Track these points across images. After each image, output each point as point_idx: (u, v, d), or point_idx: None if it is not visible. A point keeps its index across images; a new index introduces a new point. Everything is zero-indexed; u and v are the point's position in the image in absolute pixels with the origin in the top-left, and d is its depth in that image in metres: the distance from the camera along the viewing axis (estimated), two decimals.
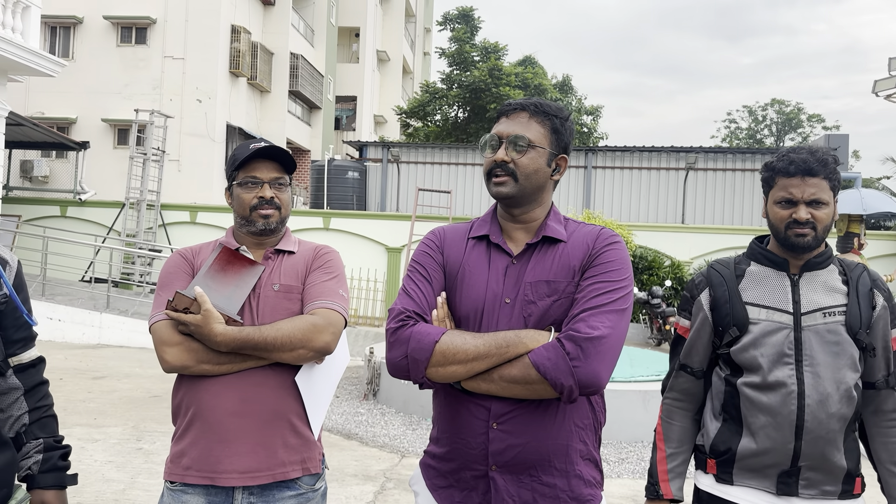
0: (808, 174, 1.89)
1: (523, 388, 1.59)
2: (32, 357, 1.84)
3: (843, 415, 1.86)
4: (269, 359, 1.91)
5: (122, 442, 5.61)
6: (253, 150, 2.02)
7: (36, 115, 18.20)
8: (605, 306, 1.61)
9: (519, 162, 1.71)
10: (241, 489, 1.91)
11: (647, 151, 17.19)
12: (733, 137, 46.63)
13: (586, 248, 1.71)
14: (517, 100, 1.79)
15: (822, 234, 1.91)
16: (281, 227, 2.09)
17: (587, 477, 1.71)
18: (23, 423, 1.79)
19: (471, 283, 1.73)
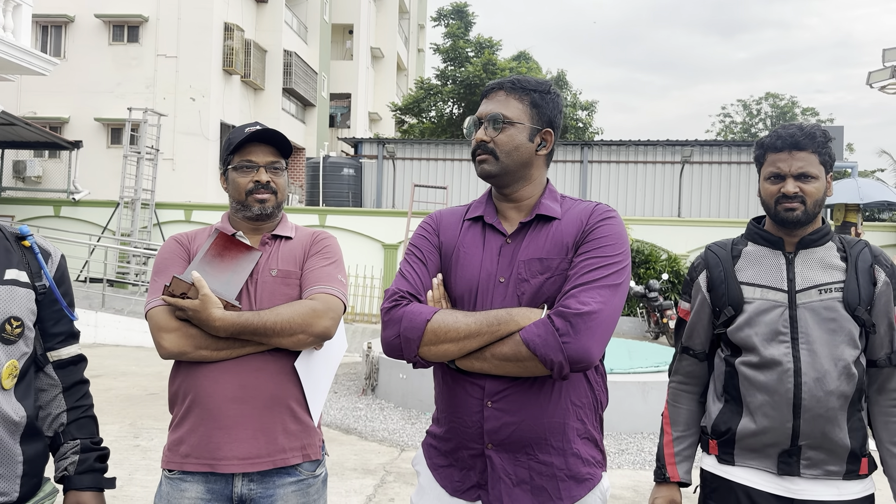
0: (796, 148, 1.88)
1: (515, 365, 1.58)
2: (73, 354, 1.80)
3: (842, 392, 1.84)
4: (269, 344, 1.88)
5: (119, 439, 5.57)
6: (248, 133, 1.98)
7: (28, 114, 18.10)
8: (597, 282, 1.59)
9: (497, 140, 1.71)
10: (240, 476, 1.88)
11: (642, 145, 17.19)
12: (728, 131, 46.69)
13: (580, 224, 1.69)
14: (495, 81, 1.78)
15: (813, 209, 1.90)
16: (277, 211, 2.05)
17: (585, 455, 1.69)
18: (61, 423, 1.76)
19: (465, 264, 1.73)
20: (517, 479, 1.65)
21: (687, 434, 2.08)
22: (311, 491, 1.95)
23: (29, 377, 1.68)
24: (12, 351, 1.59)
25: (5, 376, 1.56)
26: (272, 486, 1.90)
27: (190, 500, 1.87)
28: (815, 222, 1.94)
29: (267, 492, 1.89)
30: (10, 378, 1.58)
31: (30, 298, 1.66)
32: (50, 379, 1.76)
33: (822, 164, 1.90)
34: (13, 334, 1.59)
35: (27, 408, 1.63)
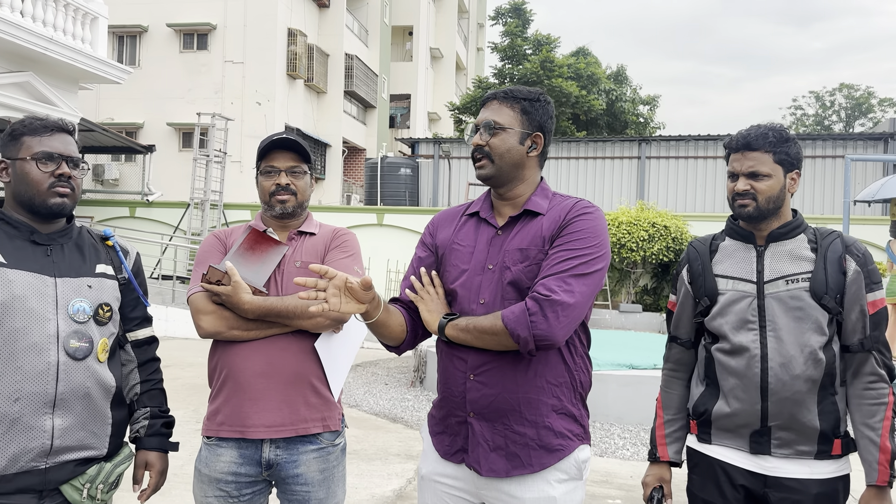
0: (747, 148, 2.02)
1: (491, 338, 1.78)
2: (147, 335, 2.13)
3: (809, 376, 1.95)
4: (291, 326, 2.13)
5: (183, 423, 5.97)
6: (270, 141, 2.25)
7: (106, 120, 19.14)
8: (566, 272, 1.77)
9: (491, 143, 1.90)
10: (268, 442, 2.14)
11: (702, 140, 16.91)
12: (800, 125, 45.11)
13: (558, 219, 1.87)
14: (491, 91, 1.98)
15: (766, 205, 2.01)
16: (299, 210, 2.30)
17: (558, 429, 1.86)
18: (135, 393, 2.08)
19: (459, 254, 1.95)
20: (494, 445, 1.85)
21: (677, 417, 2.23)
22: (330, 458, 2.21)
23: (116, 354, 2.00)
24: (104, 331, 1.92)
25: (100, 351, 1.89)
26: (296, 453, 2.15)
27: (225, 463, 2.14)
28: (781, 216, 2.05)
29: (291, 457, 2.15)
30: (104, 353, 1.91)
31: (115, 288, 1.99)
32: (128, 355, 2.07)
33: (777, 163, 2.01)
34: (105, 317, 1.92)
35: (116, 378, 1.96)
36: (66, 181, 1.88)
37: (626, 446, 5.63)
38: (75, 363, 1.83)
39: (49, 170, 1.87)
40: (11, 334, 1.76)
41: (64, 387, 1.80)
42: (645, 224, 13.25)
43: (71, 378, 1.81)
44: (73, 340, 1.83)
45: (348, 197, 23.15)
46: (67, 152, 1.90)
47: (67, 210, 1.90)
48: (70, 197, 1.90)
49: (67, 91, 12.38)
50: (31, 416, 1.76)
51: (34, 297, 1.80)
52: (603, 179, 17.47)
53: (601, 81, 24.41)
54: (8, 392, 1.75)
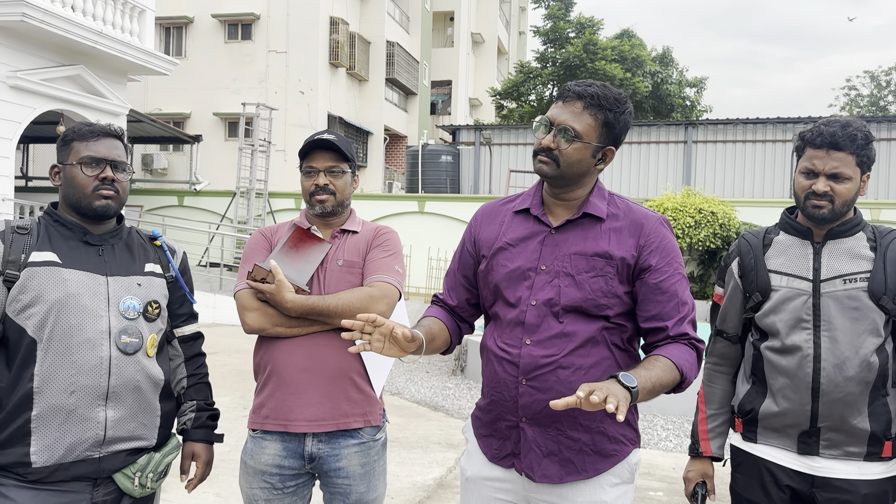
0: (834, 148, 1.92)
1: (664, 388, 1.72)
2: (193, 331, 2.19)
3: (862, 378, 1.90)
4: (332, 324, 2.16)
5: (230, 410, 6.12)
6: (309, 142, 2.28)
7: (154, 111, 19.56)
8: (689, 316, 1.82)
9: (563, 151, 1.78)
10: (311, 436, 2.19)
11: (751, 124, 16.50)
12: (853, 105, 43.59)
13: (634, 235, 1.82)
14: (578, 85, 1.80)
15: (841, 208, 1.95)
16: (340, 209, 2.31)
17: (612, 434, 1.82)
18: (182, 386, 2.16)
19: (508, 253, 1.87)
20: (547, 451, 1.81)
21: (720, 412, 2.19)
22: (371, 453, 2.24)
23: (164, 349, 2.07)
24: (153, 327, 1.99)
25: (149, 346, 1.96)
26: (337, 447, 2.20)
27: (269, 455, 2.20)
28: (844, 215, 1.99)
29: (333, 451, 2.19)
30: (152, 348, 1.98)
31: (163, 286, 2.06)
32: (175, 351, 2.15)
33: (858, 166, 1.94)
34: (153, 314, 1.99)
35: (165, 372, 2.03)
36: (109, 184, 1.93)
37: (669, 437, 5.58)
38: (126, 358, 1.90)
39: (94, 173, 1.92)
40: (67, 330, 1.84)
41: (116, 380, 1.87)
42: (691, 210, 13.00)
43: (122, 372, 1.89)
44: (124, 336, 1.90)
45: (390, 184, 23.26)
46: (112, 156, 1.95)
47: (111, 212, 1.96)
48: (114, 199, 1.95)
49: (116, 83, 12.68)
50: (85, 408, 1.84)
51: (88, 294, 1.88)
52: (648, 164, 17.18)
53: (646, 64, 23.95)
54: (64, 385, 1.82)
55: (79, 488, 1.85)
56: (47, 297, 1.83)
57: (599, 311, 1.78)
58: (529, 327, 1.80)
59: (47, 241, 1.91)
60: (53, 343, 1.82)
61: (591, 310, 1.77)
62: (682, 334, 1.77)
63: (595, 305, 1.77)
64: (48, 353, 1.82)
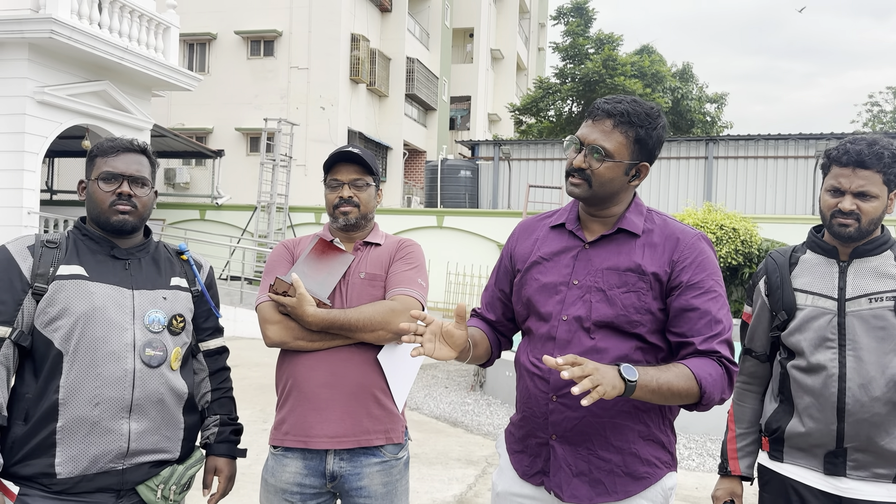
0: (860, 166, 1.90)
1: (678, 397, 1.67)
2: (218, 345, 2.19)
3: (889, 399, 1.87)
4: (353, 338, 2.14)
5: (251, 423, 6.13)
6: (333, 155, 2.28)
7: (177, 126, 19.83)
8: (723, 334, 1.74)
9: (595, 171, 1.75)
10: (332, 454, 2.15)
11: (773, 140, 16.38)
12: (876, 122, 43.13)
13: (668, 251, 1.78)
14: (607, 103, 1.77)
15: (867, 227, 1.92)
16: (363, 222, 2.31)
17: (644, 456, 1.78)
18: (206, 400, 2.15)
19: (542, 267, 1.86)
20: (577, 470, 1.77)
21: (750, 431, 2.16)
22: (393, 472, 2.20)
23: (189, 362, 2.08)
24: (177, 340, 2.00)
25: (173, 359, 1.97)
26: (359, 465, 2.16)
27: (290, 473, 2.17)
28: (869, 235, 1.97)
29: (355, 470, 2.15)
30: (176, 361, 1.99)
31: (188, 300, 2.06)
32: (200, 364, 2.15)
33: (885, 184, 1.92)
34: (178, 328, 2.00)
35: (189, 385, 2.03)
36: (126, 199, 1.94)
37: (692, 457, 5.50)
38: (150, 370, 1.91)
39: (110, 189, 1.94)
40: (92, 343, 1.85)
41: (140, 392, 1.88)
42: (713, 226, 12.89)
43: (146, 384, 1.90)
44: (149, 349, 1.91)
45: (409, 199, 23.35)
46: (129, 171, 1.96)
47: (129, 227, 1.96)
48: (132, 214, 1.95)
49: (141, 98, 12.88)
50: (109, 419, 1.85)
51: (113, 307, 1.90)
52: (668, 180, 17.10)
53: (666, 79, 23.92)
54: (89, 397, 1.84)
55: (102, 500, 1.86)
56: (74, 309, 1.85)
57: (632, 327, 1.74)
58: (560, 342, 1.78)
59: (75, 255, 1.93)
60: (79, 355, 1.84)
61: (623, 326, 1.74)
62: (711, 351, 1.71)
63: (627, 322, 1.74)
64: (74, 365, 1.84)
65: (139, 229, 2.01)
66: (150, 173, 2.02)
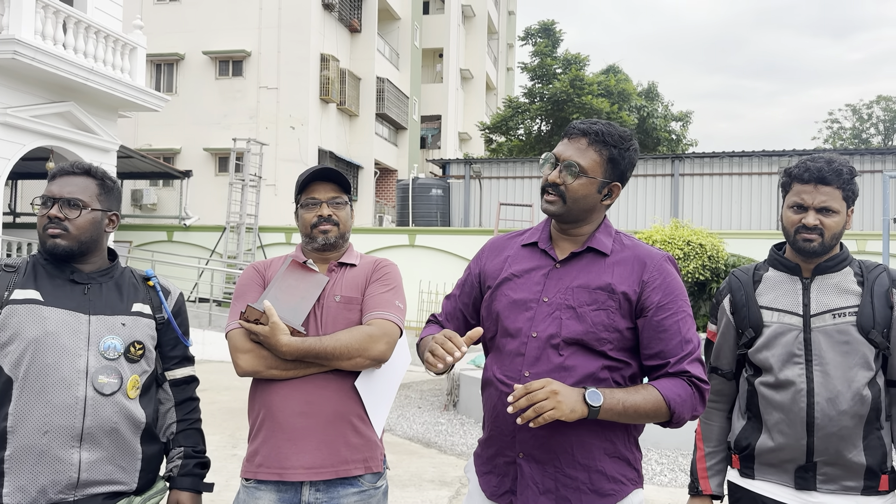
0: (822, 182, 1.96)
1: (645, 417, 1.74)
2: (186, 374, 2.13)
3: (856, 412, 1.91)
4: (330, 366, 2.08)
5: (220, 449, 6.04)
6: (310, 173, 2.22)
7: (144, 146, 19.61)
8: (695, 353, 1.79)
9: (570, 186, 1.81)
10: (308, 485, 2.06)
11: (737, 157, 16.70)
12: (836, 138, 44.30)
13: (637, 271, 1.82)
14: (583, 123, 1.84)
15: (830, 241, 1.97)
16: (341, 241, 2.25)
17: (611, 473, 1.80)
18: (171, 431, 2.09)
19: (513, 284, 1.89)
20: (543, 488, 1.78)
21: (718, 449, 2.18)
22: (372, 501, 2.11)
23: (151, 391, 2.02)
24: (135, 368, 1.95)
25: (129, 388, 1.92)
26: (336, 497, 2.07)
27: None
28: (832, 250, 2.02)
29: (332, 501, 2.06)
30: (133, 389, 1.93)
31: (151, 326, 2.01)
32: (166, 394, 2.09)
33: (844, 200, 1.97)
34: (136, 355, 1.95)
35: (147, 415, 1.97)
36: (56, 223, 1.90)
37: (664, 472, 5.53)
38: (103, 398, 1.86)
39: (43, 212, 1.92)
40: (43, 369, 1.81)
41: (91, 421, 1.83)
42: (680, 242, 13.08)
43: (98, 413, 1.85)
44: (102, 376, 1.86)
45: (380, 218, 23.32)
46: (62, 194, 1.92)
47: (60, 250, 1.91)
48: (63, 237, 1.91)
49: (107, 119, 12.72)
50: (58, 448, 1.80)
51: (67, 333, 1.85)
52: (636, 197, 17.32)
53: (632, 98, 24.31)
54: (38, 424, 1.79)
55: None
56: (25, 334, 1.82)
57: (600, 345, 1.77)
58: (529, 359, 1.80)
59: (32, 279, 1.89)
60: (28, 381, 1.80)
61: (591, 343, 1.77)
62: (682, 371, 1.75)
63: (596, 339, 1.77)
64: (23, 392, 1.80)
65: (77, 253, 1.94)
66: (93, 195, 1.97)
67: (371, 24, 23.17)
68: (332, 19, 21.44)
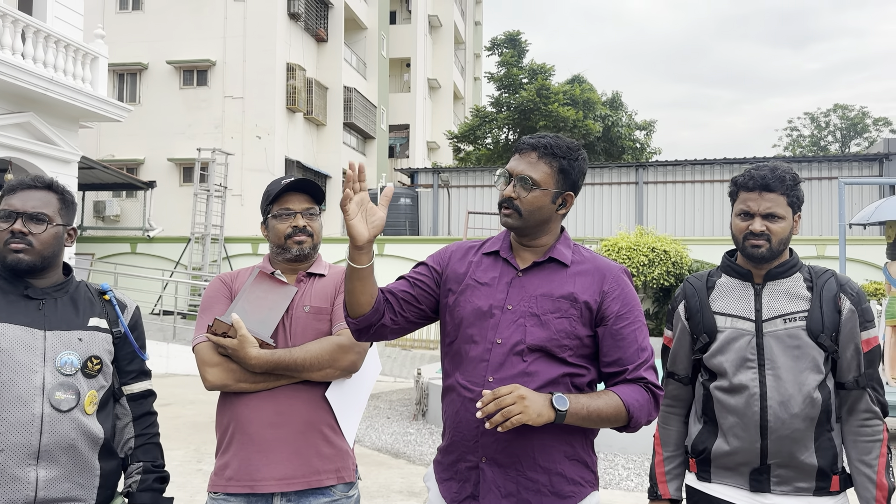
0: (766, 189, 2.02)
1: (606, 422, 1.81)
2: (143, 389, 2.09)
3: (807, 415, 1.96)
4: (300, 378, 2.08)
5: (184, 464, 5.95)
6: (285, 184, 2.21)
7: (107, 157, 19.29)
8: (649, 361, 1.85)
9: (524, 199, 1.86)
10: (279, 496, 2.06)
11: (699, 165, 17.02)
12: (796, 146, 45.38)
13: (597, 282, 1.88)
14: (532, 138, 1.91)
15: (778, 246, 2.03)
16: (314, 252, 2.25)
17: (570, 475, 1.85)
18: (130, 446, 2.06)
19: (476, 291, 1.91)
20: (505, 492, 1.82)
21: (676, 454, 2.22)
22: None
23: (109, 406, 1.99)
24: (93, 383, 1.92)
25: (87, 403, 1.90)
26: None
27: None
28: (781, 255, 2.07)
29: None
30: (91, 405, 1.91)
31: (108, 341, 1.98)
32: (123, 409, 2.06)
33: (789, 206, 2.03)
34: (93, 370, 1.92)
35: (105, 430, 1.94)
36: (19, 237, 1.88)
37: (630, 477, 5.59)
38: (60, 415, 1.84)
39: (5, 227, 1.88)
40: None
41: (48, 438, 1.81)
42: (644, 249, 13.28)
43: (55, 430, 1.82)
44: (59, 392, 1.84)
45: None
46: (25, 208, 1.90)
47: (24, 265, 1.89)
48: (27, 252, 1.88)
49: (68, 130, 12.50)
50: (14, 466, 1.78)
51: (22, 350, 1.83)
52: (602, 205, 17.55)
53: (597, 107, 24.65)
54: None
55: None
56: None
57: (561, 351, 1.82)
58: (493, 365, 1.83)
59: None
60: None
61: (554, 350, 1.82)
62: (639, 378, 1.83)
63: (558, 346, 1.82)
64: None
65: (40, 268, 1.92)
66: (56, 210, 1.95)
67: (338, 34, 23.15)
68: (299, 29, 21.38)
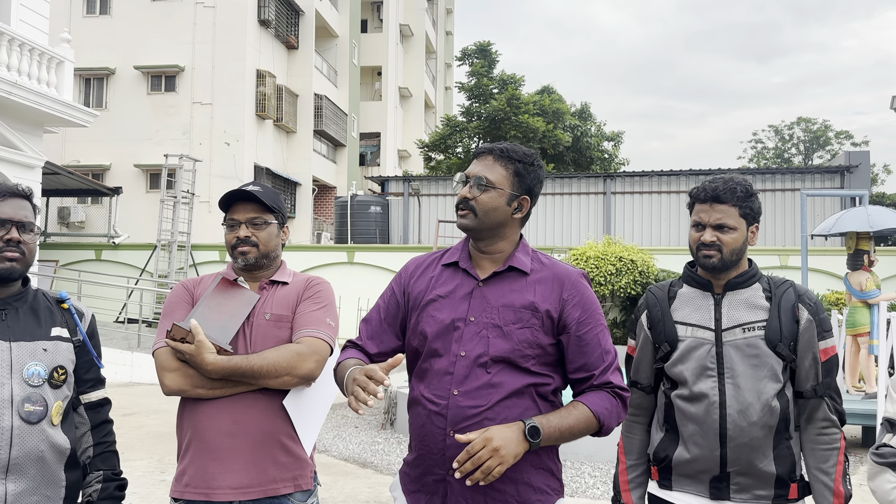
0: (716, 201, 2.07)
1: (579, 434, 1.84)
2: (100, 397, 2.08)
3: (765, 423, 2.00)
4: (257, 385, 2.08)
5: (147, 474, 5.85)
6: (227, 194, 2.22)
7: (72, 163, 18.96)
8: (614, 364, 1.89)
9: (479, 199, 1.89)
10: None
11: (666, 175, 17.28)
12: (760, 158, 46.30)
13: (557, 289, 1.90)
14: (489, 144, 1.95)
15: (730, 257, 2.07)
16: (265, 261, 2.24)
17: (536, 484, 1.86)
18: (88, 455, 2.03)
19: (438, 304, 1.92)
20: (473, 503, 1.83)
21: (639, 462, 2.25)
22: None
23: (70, 416, 1.97)
24: (58, 394, 1.90)
25: (54, 414, 1.88)
26: None
27: None
28: (739, 266, 2.12)
29: None
30: (58, 416, 1.89)
31: (70, 350, 1.97)
32: (81, 418, 2.04)
33: (742, 217, 2.08)
34: (59, 380, 1.91)
35: (70, 441, 1.93)
36: (14, 246, 1.87)
37: (597, 485, 5.64)
38: (29, 427, 1.82)
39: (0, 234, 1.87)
40: None
41: (18, 451, 1.79)
42: (612, 258, 13.41)
43: (25, 442, 1.81)
44: (28, 404, 1.82)
45: (318, 235, 23.11)
46: (17, 217, 1.89)
47: (16, 274, 1.89)
48: (19, 261, 1.88)
49: (32, 135, 12.27)
50: None
51: None
52: (570, 215, 17.71)
53: (566, 118, 24.91)
54: None
55: None
56: None
57: (525, 361, 1.84)
58: (458, 378, 1.83)
59: None
60: None
61: (517, 361, 1.83)
62: (606, 383, 1.86)
63: (521, 356, 1.83)
64: None
65: (18, 276, 1.92)
66: (34, 219, 1.95)
67: (308, 41, 23.09)
68: (269, 35, 21.28)
